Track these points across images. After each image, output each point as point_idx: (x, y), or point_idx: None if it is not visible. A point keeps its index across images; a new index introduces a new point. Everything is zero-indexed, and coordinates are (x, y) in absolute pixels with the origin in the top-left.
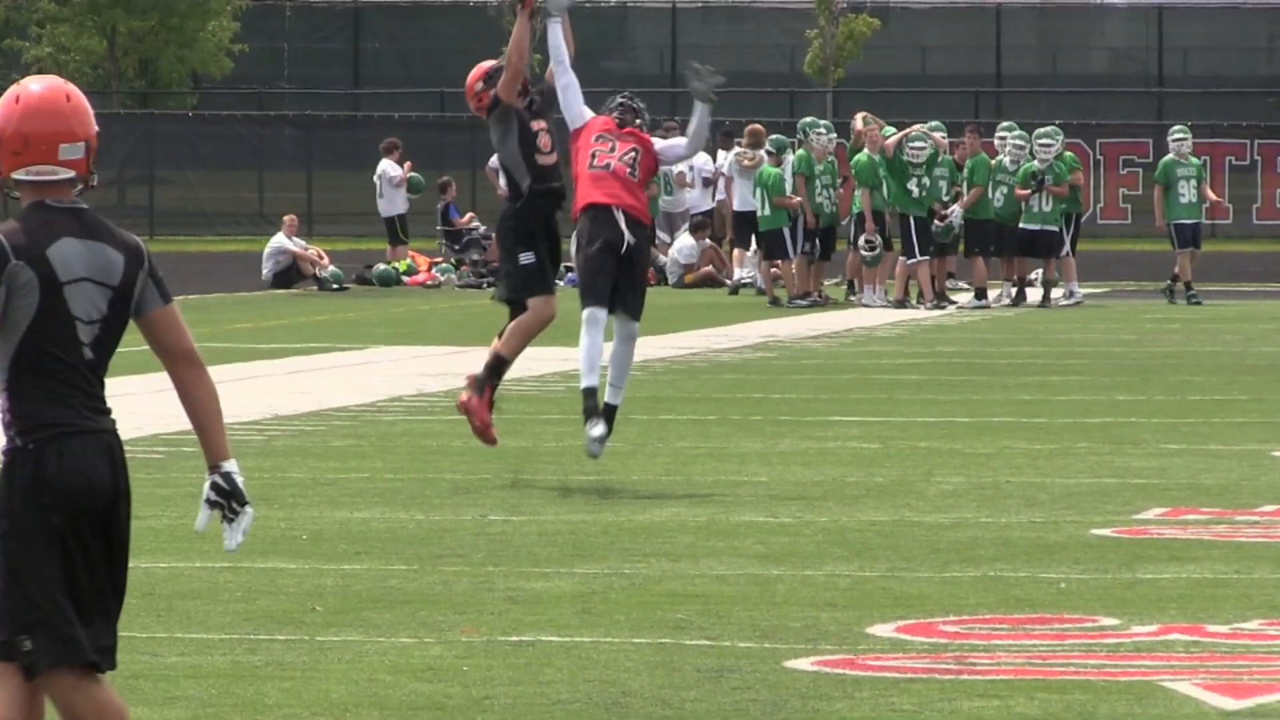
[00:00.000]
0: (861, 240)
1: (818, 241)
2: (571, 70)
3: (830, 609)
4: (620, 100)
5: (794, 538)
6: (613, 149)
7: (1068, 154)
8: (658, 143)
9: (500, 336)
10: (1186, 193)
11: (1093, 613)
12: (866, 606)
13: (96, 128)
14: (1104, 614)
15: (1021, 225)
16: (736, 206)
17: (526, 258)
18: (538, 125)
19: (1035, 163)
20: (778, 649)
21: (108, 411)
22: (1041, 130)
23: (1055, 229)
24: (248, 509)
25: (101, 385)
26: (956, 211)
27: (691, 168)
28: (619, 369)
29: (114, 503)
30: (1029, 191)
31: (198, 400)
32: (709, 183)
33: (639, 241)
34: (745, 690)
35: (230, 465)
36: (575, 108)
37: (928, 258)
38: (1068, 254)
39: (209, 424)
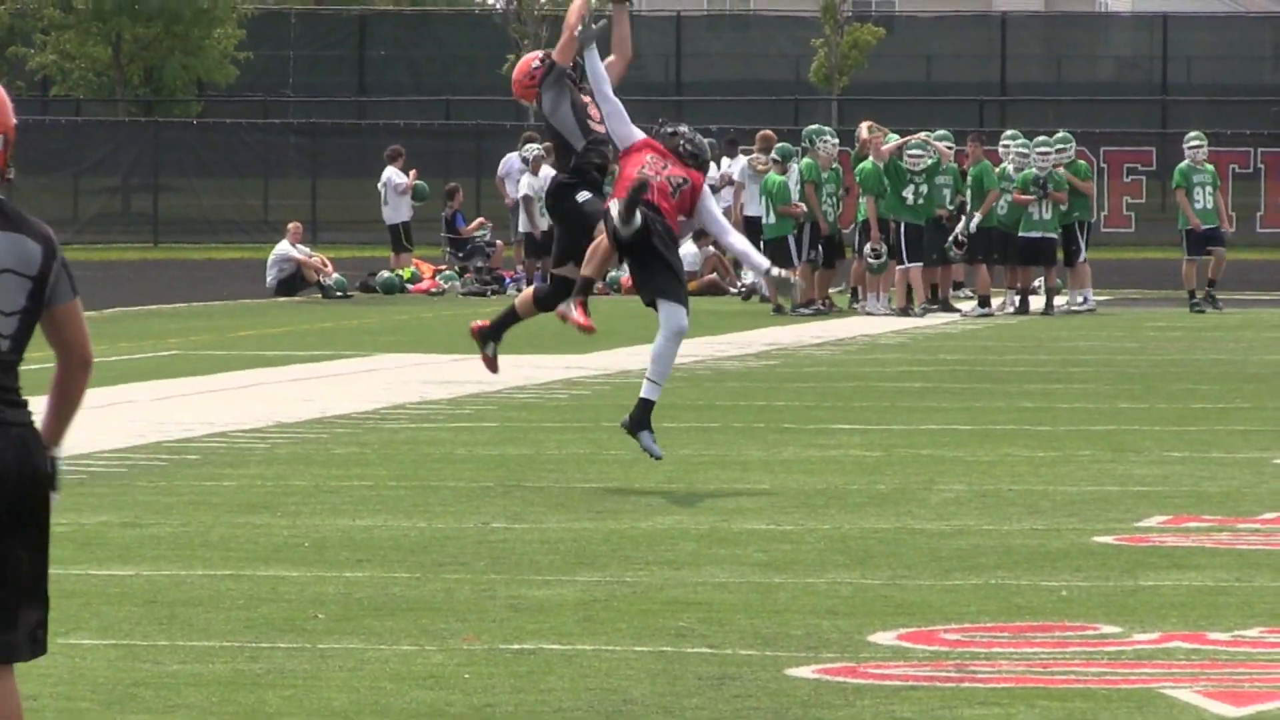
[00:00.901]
0: (867, 248)
1: (821, 249)
2: (614, 96)
3: (832, 617)
4: (682, 134)
5: (796, 545)
6: (665, 168)
7: (1080, 162)
8: (709, 194)
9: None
10: (1202, 199)
11: (1094, 620)
12: (868, 614)
13: (15, 120)
14: (1105, 622)
15: (1021, 233)
16: (749, 212)
17: (584, 194)
18: (585, 97)
19: (1034, 170)
20: (779, 657)
21: (23, 404)
22: (1040, 138)
23: (1054, 236)
24: (55, 496)
25: (15, 378)
26: (976, 219)
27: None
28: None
29: (23, 492)
30: (1031, 197)
31: (70, 396)
32: (715, 189)
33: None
34: (747, 698)
35: (58, 453)
36: (622, 129)
37: (920, 264)
38: (1083, 261)
39: (64, 415)
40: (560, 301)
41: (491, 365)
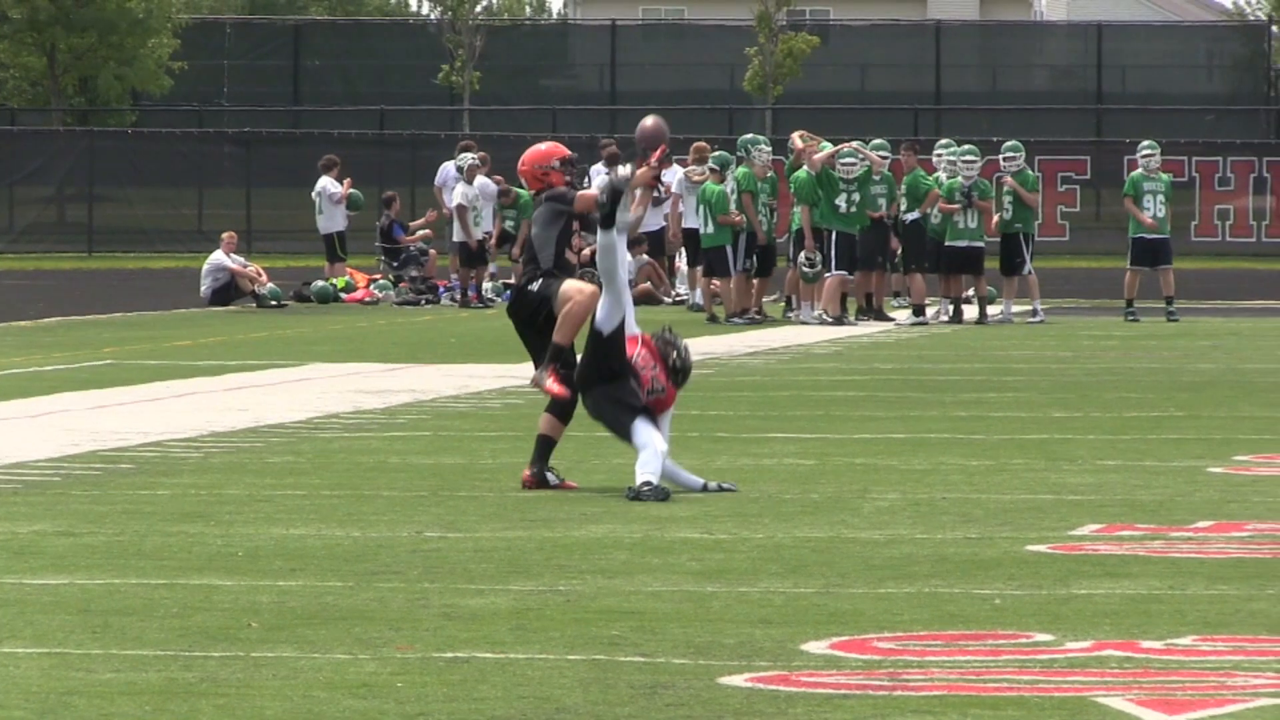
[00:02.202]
0: (801, 257)
1: (755, 258)
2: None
3: (765, 626)
4: (678, 348)
5: (729, 554)
6: (654, 369)
7: (1028, 172)
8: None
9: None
10: (1152, 207)
11: (1027, 629)
12: (801, 623)
13: None
14: (1038, 630)
15: (947, 242)
16: (687, 224)
17: (535, 284)
18: (576, 228)
19: (960, 179)
20: (712, 665)
21: None
22: (967, 147)
23: (981, 245)
24: None
25: None
26: (913, 215)
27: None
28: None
29: None
30: (955, 206)
31: None
32: (659, 201)
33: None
34: (679, 707)
35: None
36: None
37: (845, 273)
38: (1029, 273)
39: None
40: (569, 408)
41: (563, 484)
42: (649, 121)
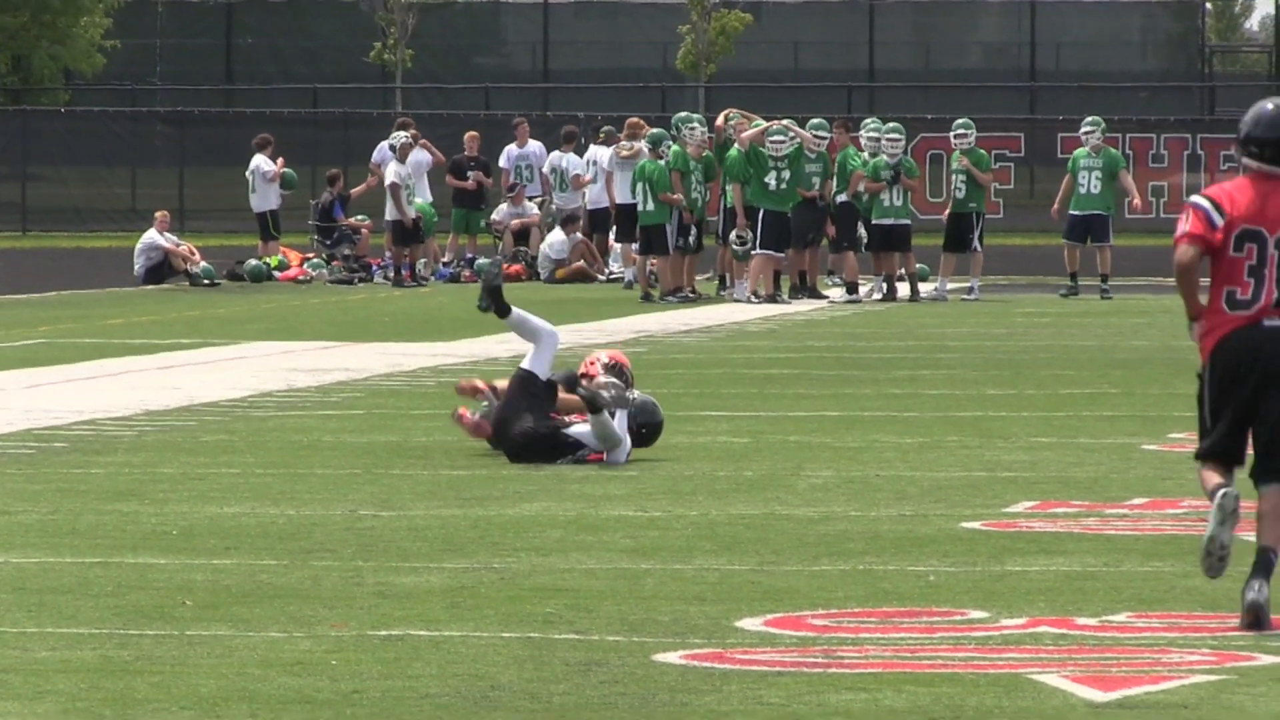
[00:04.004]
0: (733, 235)
1: (690, 237)
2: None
3: (699, 603)
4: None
5: (663, 532)
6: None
7: (980, 151)
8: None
9: None
10: (1086, 183)
11: (961, 606)
12: (735, 600)
13: None
14: (973, 607)
15: (874, 220)
16: (620, 200)
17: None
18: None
19: (884, 156)
20: (646, 643)
21: None
22: (891, 125)
23: (907, 222)
24: None
25: None
26: (841, 197)
27: (594, 163)
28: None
29: None
30: (880, 185)
31: None
32: (586, 182)
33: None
34: (614, 684)
35: None
36: None
37: (771, 252)
38: (977, 251)
39: None
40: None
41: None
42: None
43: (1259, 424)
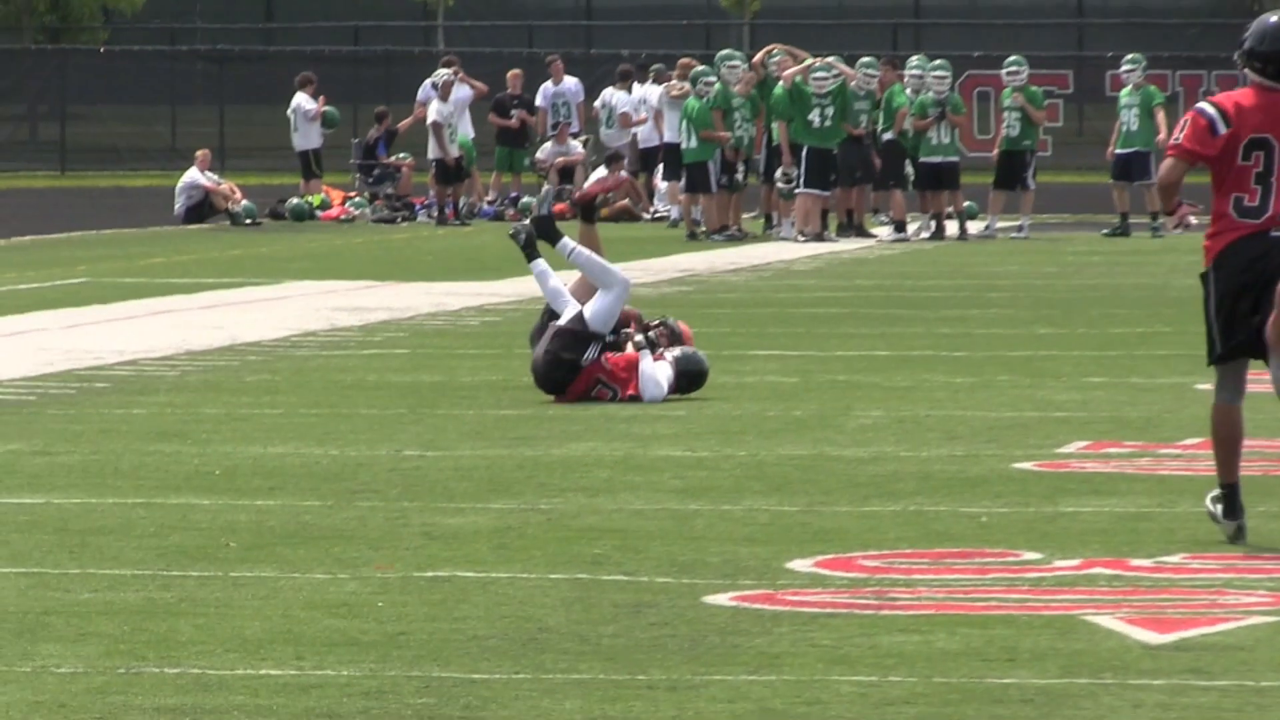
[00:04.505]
0: (778, 173)
1: (736, 175)
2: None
3: (749, 544)
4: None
5: (712, 472)
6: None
7: (1033, 89)
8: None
9: None
10: (1127, 122)
11: (1015, 547)
12: (785, 541)
13: None
14: (1026, 548)
15: (921, 158)
16: (667, 139)
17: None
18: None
19: (931, 93)
20: (696, 584)
21: None
22: (937, 62)
23: (955, 160)
24: None
25: None
26: (888, 135)
27: (643, 102)
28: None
29: None
30: (928, 121)
31: None
32: (635, 122)
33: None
34: (663, 626)
35: None
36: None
37: (817, 191)
38: (1029, 187)
39: None
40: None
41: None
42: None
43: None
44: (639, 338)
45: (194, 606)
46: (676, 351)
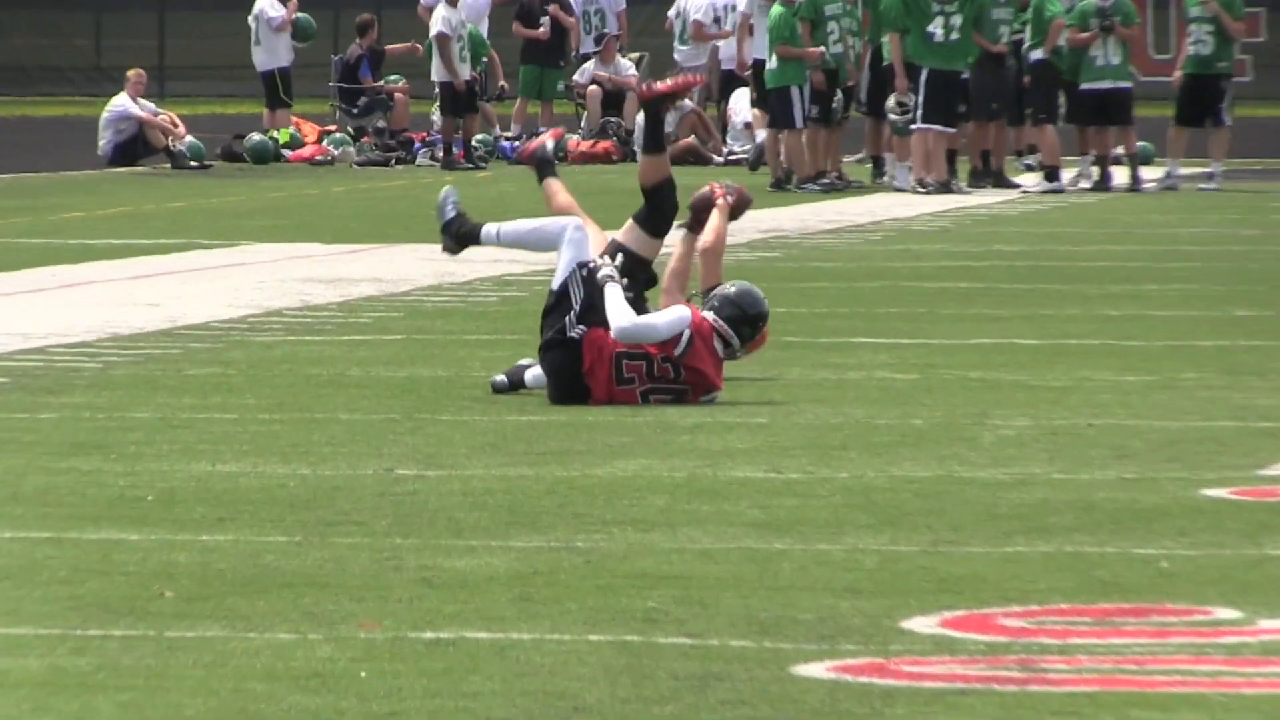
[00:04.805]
0: (890, 102)
1: (833, 105)
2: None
3: (853, 596)
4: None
5: (804, 500)
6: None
7: None
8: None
9: None
10: None
11: (1205, 602)
12: (901, 593)
13: None
14: (1220, 604)
15: (1083, 84)
16: (758, 54)
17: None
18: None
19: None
20: (781, 650)
21: None
22: None
23: (1127, 86)
24: None
25: None
26: (1037, 55)
27: (730, 8)
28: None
29: None
30: (1090, 35)
31: None
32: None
33: None
34: (739, 705)
35: None
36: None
37: (939, 127)
38: (1226, 125)
39: None
40: None
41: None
42: None
43: None
44: (605, 269)
45: (116, 677)
46: (730, 289)
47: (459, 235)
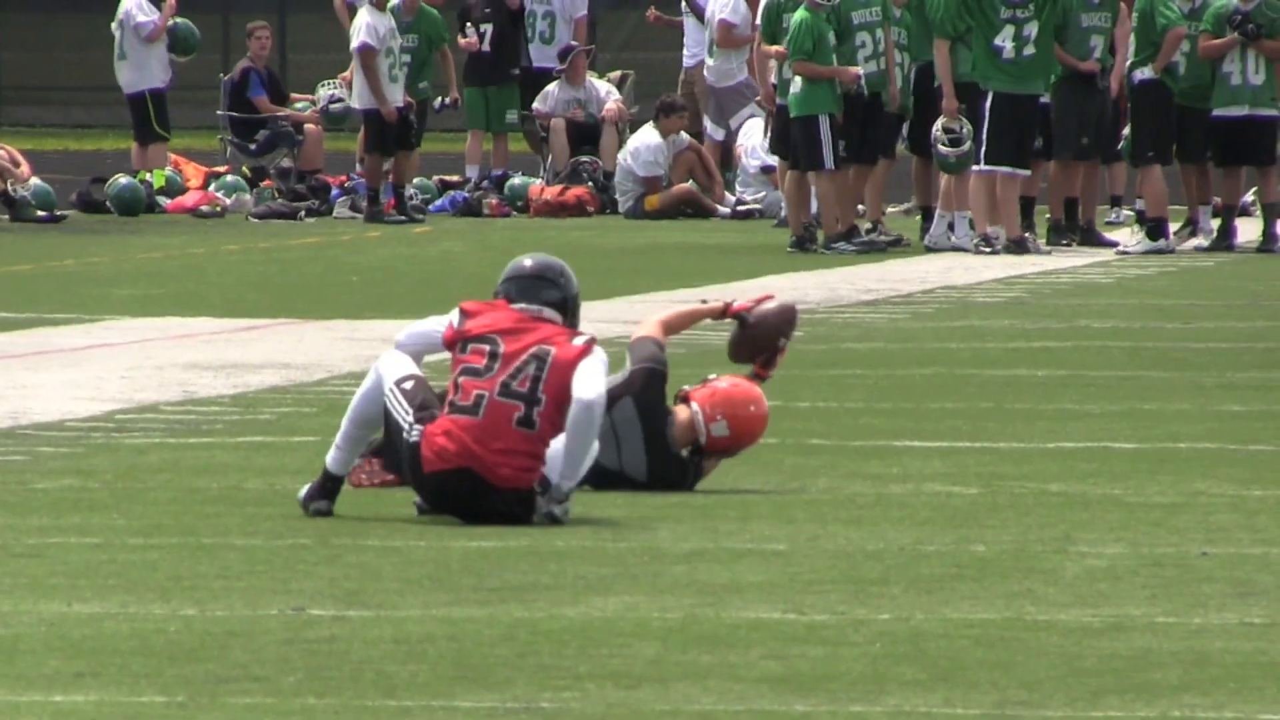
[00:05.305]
0: (937, 127)
1: (865, 133)
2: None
3: None
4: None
5: (833, 649)
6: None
7: None
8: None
9: None
10: None
11: None
12: None
13: None
14: None
15: (1215, 111)
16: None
17: None
18: None
19: (1233, 1)
20: None
21: None
22: None
23: (1272, 114)
24: None
25: None
26: (1145, 73)
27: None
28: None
29: None
30: (1224, 42)
31: None
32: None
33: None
34: None
35: None
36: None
37: (1008, 168)
38: None
39: None
40: None
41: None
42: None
43: None
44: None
45: None
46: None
47: (324, 490)
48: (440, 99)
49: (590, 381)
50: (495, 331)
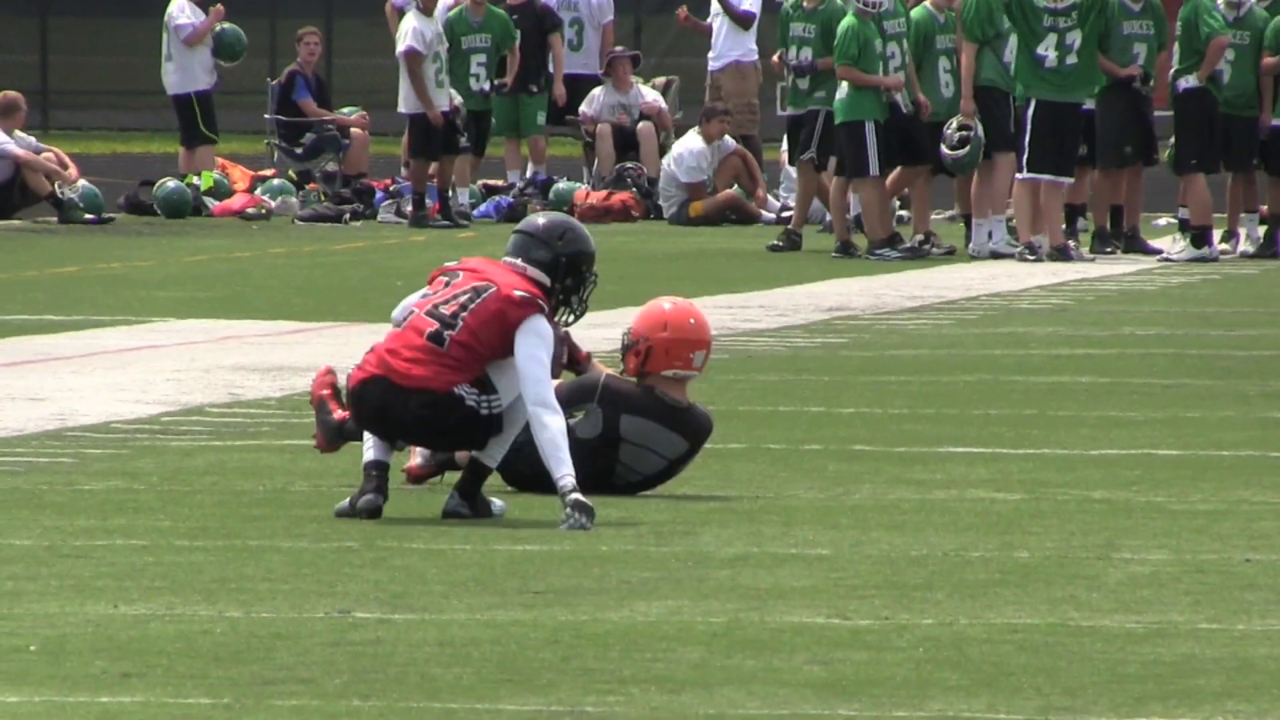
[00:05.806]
0: (951, 126)
1: (907, 140)
2: None
3: None
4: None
5: (876, 654)
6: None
7: None
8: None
9: None
10: None
11: None
12: None
13: None
14: None
15: (1275, 121)
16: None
17: None
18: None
19: None
20: None
21: None
22: None
23: None
24: None
25: None
26: (1189, 81)
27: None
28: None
29: None
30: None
31: None
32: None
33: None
34: None
35: None
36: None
37: (1051, 176)
38: None
39: None
40: None
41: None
42: None
43: None
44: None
45: None
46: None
47: (372, 485)
48: (491, 80)
49: (530, 383)
50: (462, 269)
